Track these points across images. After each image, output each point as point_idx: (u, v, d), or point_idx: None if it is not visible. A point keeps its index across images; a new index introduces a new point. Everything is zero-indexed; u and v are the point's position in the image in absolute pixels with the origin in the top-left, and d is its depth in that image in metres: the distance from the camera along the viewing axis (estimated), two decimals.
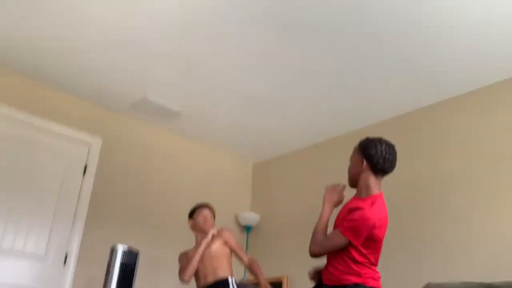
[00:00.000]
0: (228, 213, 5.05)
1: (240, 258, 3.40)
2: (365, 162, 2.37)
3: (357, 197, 2.41)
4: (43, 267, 3.72)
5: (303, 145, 4.93)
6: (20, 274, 3.59)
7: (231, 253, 3.39)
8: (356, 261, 2.25)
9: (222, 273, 3.26)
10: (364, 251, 2.25)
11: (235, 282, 3.29)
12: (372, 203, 2.28)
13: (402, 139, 4.06)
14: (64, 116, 4.14)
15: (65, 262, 3.83)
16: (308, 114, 4.29)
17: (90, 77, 3.92)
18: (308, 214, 4.58)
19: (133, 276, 3.30)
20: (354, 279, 2.21)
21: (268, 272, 4.69)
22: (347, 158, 2.39)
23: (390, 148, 2.38)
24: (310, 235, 2.48)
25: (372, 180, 2.36)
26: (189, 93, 4.09)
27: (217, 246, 3.32)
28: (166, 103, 4.24)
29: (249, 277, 4.75)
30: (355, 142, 4.41)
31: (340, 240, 2.27)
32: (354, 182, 2.46)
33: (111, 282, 3.22)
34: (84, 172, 4.13)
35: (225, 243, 3.37)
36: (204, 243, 3.30)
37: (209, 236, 3.33)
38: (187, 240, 4.61)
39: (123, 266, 3.28)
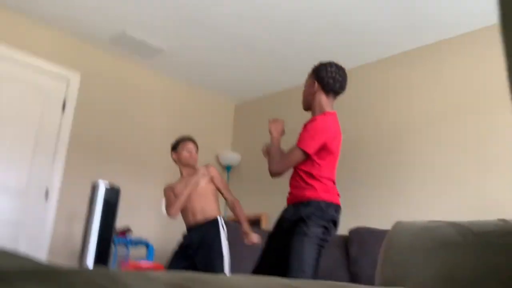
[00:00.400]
0: (209, 152, 5.11)
1: (224, 197, 3.41)
2: (316, 84, 2.51)
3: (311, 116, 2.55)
4: (25, 202, 3.75)
5: (285, 86, 4.92)
6: (1, 209, 3.62)
7: (216, 191, 3.39)
8: (311, 176, 2.35)
9: (211, 211, 3.27)
10: (319, 162, 2.34)
11: (223, 221, 3.34)
12: (325, 115, 2.44)
13: (382, 82, 4.09)
14: (42, 50, 4.02)
15: (46, 197, 3.86)
16: (292, 55, 4.25)
17: (69, 8, 3.76)
18: None
19: (115, 212, 3.37)
20: (308, 194, 2.33)
21: (247, 210, 4.84)
22: None
23: (340, 69, 2.51)
24: (288, 175, 2.57)
25: (324, 100, 2.50)
26: (171, 30, 3.99)
27: (204, 183, 3.31)
28: (147, 39, 4.13)
29: (229, 214, 4.90)
30: None
31: (296, 153, 2.40)
32: (308, 104, 2.61)
33: (93, 217, 3.28)
34: (63, 107, 4.08)
35: (212, 180, 3.35)
36: (193, 182, 3.26)
37: (199, 177, 3.29)
38: (166, 176, 4.69)
39: (105, 202, 3.33)
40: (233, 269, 3.34)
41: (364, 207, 3.87)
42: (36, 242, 3.75)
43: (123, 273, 0.46)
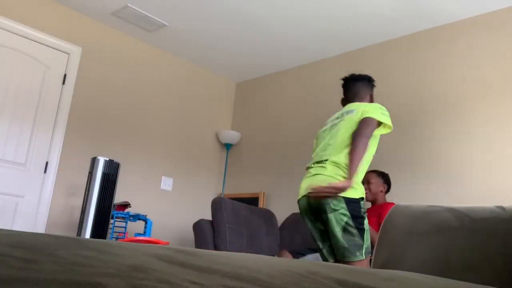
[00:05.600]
0: (209, 130, 5.11)
1: None
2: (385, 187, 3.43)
3: None
4: (24, 175, 3.77)
5: (286, 66, 4.89)
6: (1, 181, 3.64)
7: None
8: None
9: None
10: None
11: None
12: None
13: (380, 64, 4.06)
14: (43, 23, 3.97)
15: (45, 170, 3.87)
16: (294, 35, 4.21)
17: None
18: (286, 135, 4.68)
19: (114, 186, 3.39)
20: None
21: (246, 189, 4.88)
22: (329, 81, 2.42)
23: None
24: (287, 155, 2.66)
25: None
26: (174, 5, 3.94)
27: None
28: (150, 13, 4.08)
29: (227, 192, 4.93)
30: (340, 66, 4.42)
31: None
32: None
33: (92, 190, 3.31)
34: (64, 81, 4.06)
35: None
36: None
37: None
38: (165, 153, 4.71)
39: (105, 176, 3.35)
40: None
41: None
42: (35, 215, 3.78)
43: (111, 243, 0.46)
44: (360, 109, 2.48)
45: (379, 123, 2.46)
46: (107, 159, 3.41)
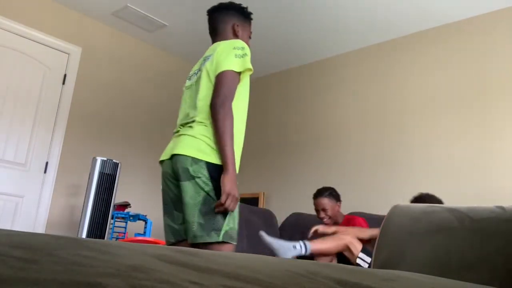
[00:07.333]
0: None
1: None
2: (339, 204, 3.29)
3: None
4: (24, 175, 3.77)
5: (287, 66, 4.89)
6: (1, 181, 3.64)
7: None
8: None
9: None
10: None
11: None
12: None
13: (375, 67, 4.06)
14: (43, 23, 3.97)
15: (45, 170, 3.87)
16: (296, 35, 4.21)
17: None
18: (286, 135, 4.68)
19: (113, 186, 3.39)
20: None
21: (246, 189, 4.88)
22: (330, 81, 2.41)
23: None
24: (287, 155, 2.58)
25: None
26: (174, 5, 3.94)
27: None
28: (150, 13, 4.08)
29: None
30: (341, 66, 4.43)
31: None
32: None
33: (91, 190, 3.31)
34: (64, 81, 4.06)
35: None
36: None
37: None
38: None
39: (104, 176, 3.35)
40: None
41: (361, 193, 3.88)
42: (35, 215, 3.78)
43: (111, 243, 0.46)
44: (216, 56, 1.95)
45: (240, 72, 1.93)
46: (105, 158, 3.41)
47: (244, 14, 2.16)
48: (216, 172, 1.82)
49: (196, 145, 1.85)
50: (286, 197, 4.39)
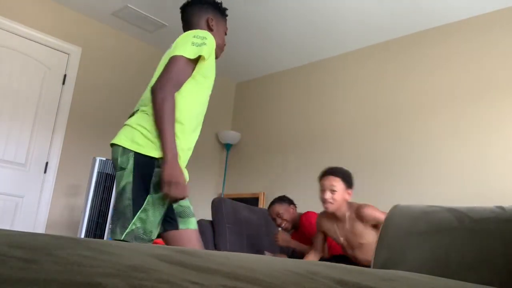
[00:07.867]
0: (209, 130, 5.11)
1: None
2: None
3: None
4: (24, 175, 3.77)
5: (286, 66, 4.89)
6: (1, 181, 3.63)
7: None
8: None
9: None
10: None
11: None
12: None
13: (375, 67, 4.06)
14: (43, 23, 3.97)
15: (45, 170, 3.87)
16: (294, 36, 4.21)
17: None
18: (286, 135, 4.67)
19: (113, 185, 3.39)
20: None
21: (246, 189, 4.88)
22: (329, 81, 2.41)
23: None
24: (287, 155, 2.56)
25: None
26: (174, 5, 3.94)
27: None
28: (149, 13, 4.08)
29: (227, 192, 4.92)
30: (341, 66, 4.43)
31: None
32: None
33: (90, 191, 3.31)
34: (64, 81, 4.06)
35: None
36: None
37: None
38: None
39: (104, 176, 3.35)
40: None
41: (361, 193, 3.88)
42: (35, 215, 3.78)
43: (111, 243, 0.46)
44: (175, 43, 1.91)
45: (196, 60, 1.82)
46: (105, 158, 3.41)
47: (219, 9, 2.09)
48: (145, 164, 1.71)
49: (130, 135, 1.76)
50: None
